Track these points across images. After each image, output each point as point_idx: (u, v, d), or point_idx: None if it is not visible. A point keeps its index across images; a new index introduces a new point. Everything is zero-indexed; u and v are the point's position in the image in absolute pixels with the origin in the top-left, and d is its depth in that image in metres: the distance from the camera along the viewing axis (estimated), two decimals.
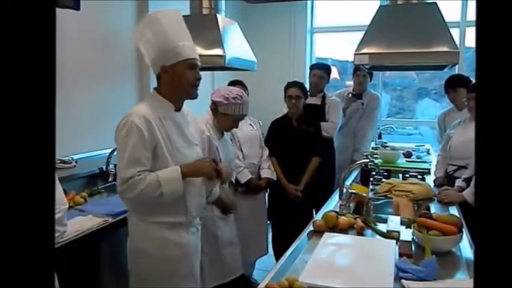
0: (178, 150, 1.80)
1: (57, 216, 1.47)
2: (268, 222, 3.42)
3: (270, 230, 3.49)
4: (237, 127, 2.54)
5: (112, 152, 2.82)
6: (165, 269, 1.82)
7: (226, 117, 2.44)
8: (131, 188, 1.70)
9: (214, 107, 2.48)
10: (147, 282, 1.83)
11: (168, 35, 1.78)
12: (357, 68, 3.88)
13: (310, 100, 3.47)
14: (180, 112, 1.88)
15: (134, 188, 1.69)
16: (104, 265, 2.15)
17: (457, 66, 3.32)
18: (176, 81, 1.81)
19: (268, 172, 3.08)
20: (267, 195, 3.28)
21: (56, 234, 1.48)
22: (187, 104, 1.95)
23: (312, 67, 3.81)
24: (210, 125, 2.47)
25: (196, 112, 2.22)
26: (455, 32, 3.69)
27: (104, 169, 2.87)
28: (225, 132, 2.55)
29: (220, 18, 3.32)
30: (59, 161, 2.63)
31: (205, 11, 3.37)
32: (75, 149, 2.87)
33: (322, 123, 3.44)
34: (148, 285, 1.83)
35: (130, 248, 1.88)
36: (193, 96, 1.87)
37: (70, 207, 1.69)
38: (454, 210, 2.28)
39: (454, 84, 3.38)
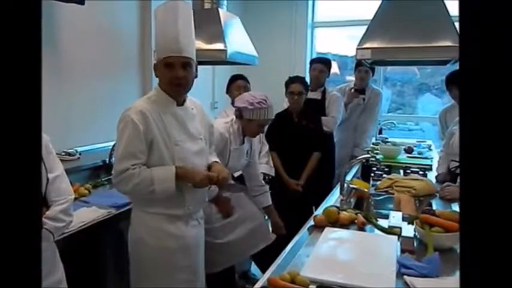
0: (177, 144, 1.80)
1: (63, 206, 1.48)
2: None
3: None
4: (263, 132, 2.51)
5: (115, 144, 2.82)
6: (163, 260, 1.84)
7: (252, 122, 2.40)
8: (125, 181, 1.73)
9: (239, 113, 2.43)
10: (145, 271, 1.86)
11: (157, 32, 1.81)
12: (358, 63, 3.87)
13: (311, 95, 3.46)
14: (183, 106, 1.88)
15: (128, 182, 1.72)
16: (108, 255, 2.18)
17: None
18: (161, 80, 1.84)
19: (266, 167, 3.07)
20: None
21: (63, 224, 1.49)
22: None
23: (313, 61, 3.81)
24: (234, 130, 2.44)
25: None
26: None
27: (107, 161, 2.88)
28: (246, 141, 2.52)
29: (222, 12, 3.31)
30: (63, 153, 2.64)
31: (206, 5, 3.36)
32: (79, 141, 2.89)
33: (323, 118, 3.44)
34: (147, 274, 1.85)
35: (131, 237, 1.91)
36: (176, 96, 1.83)
37: (75, 198, 1.70)
38: (456, 207, 2.28)
39: (456, 80, 3.32)
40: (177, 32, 1.76)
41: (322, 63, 3.70)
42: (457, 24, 2.61)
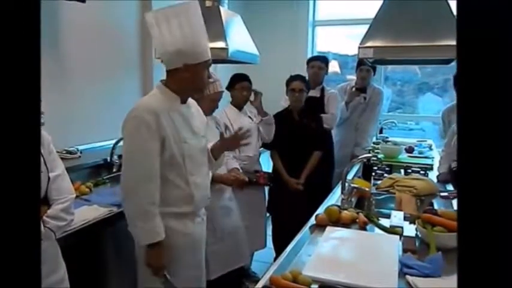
0: (185, 142, 1.81)
1: (64, 205, 1.48)
2: (268, 215, 3.43)
3: (269, 223, 3.50)
4: (217, 107, 2.53)
5: (116, 143, 2.83)
6: (171, 258, 1.84)
7: (203, 99, 2.38)
8: (137, 210, 1.74)
9: None
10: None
11: (194, 31, 1.75)
12: (360, 62, 3.87)
13: (309, 93, 3.46)
14: (185, 104, 1.88)
15: (138, 212, 1.74)
16: (109, 254, 2.18)
17: None
18: (194, 81, 1.81)
19: None
20: (267, 189, 3.27)
21: (64, 223, 1.49)
22: None
23: (310, 59, 3.82)
24: None
25: None
26: None
27: (108, 160, 2.88)
28: (208, 119, 2.53)
29: (223, 10, 3.30)
30: (64, 152, 2.64)
31: (208, 4, 3.35)
32: (80, 140, 2.89)
33: (323, 115, 3.44)
34: None
35: None
36: (187, 96, 1.88)
37: (76, 197, 1.70)
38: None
39: None
40: (202, 35, 1.78)
41: (319, 60, 3.71)
42: None
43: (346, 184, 2.33)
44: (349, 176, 2.67)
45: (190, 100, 1.94)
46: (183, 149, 1.80)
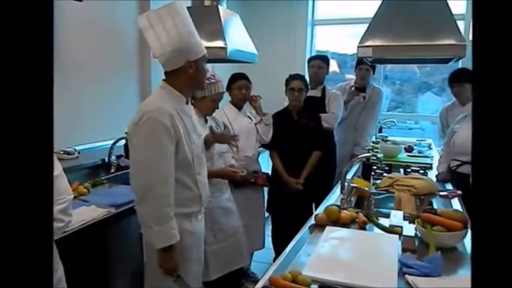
0: (193, 142, 1.84)
1: (63, 206, 1.46)
2: (268, 215, 3.43)
3: (269, 223, 3.49)
4: (217, 107, 2.52)
5: (114, 143, 2.83)
6: (180, 257, 1.84)
7: (204, 100, 2.39)
8: (155, 212, 1.72)
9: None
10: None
11: (189, 28, 1.78)
12: (359, 62, 3.86)
13: (311, 93, 3.46)
14: (188, 104, 1.91)
15: (157, 214, 1.72)
16: (107, 254, 2.17)
17: (460, 60, 3.28)
18: (197, 76, 1.82)
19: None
20: (266, 189, 3.27)
21: (62, 224, 1.47)
22: None
23: (311, 59, 3.81)
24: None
25: None
26: (460, 25, 3.65)
27: (106, 160, 2.87)
28: (208, 119, 2.53)
29: (222, 10, 3.31)
30: (62, 152, 2.64)
31: (206, 3, 3.36)
32: (78, 140, 2.88)
33: (323, 115, 3.43)
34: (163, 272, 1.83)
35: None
36: (190, 94, 1.95)
37: (74, 197, 1.69)
38: (457, 205, 2.28)
39: (460, 78, 3.21)
40: (195, 31, 1.82)
41: (320, 60, 3.70)
42: (459, 23, 2.63)
43: (346, 184, 2.32)
44: (349, 176, 2.66)
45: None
46: (193, 150, 1.82)
